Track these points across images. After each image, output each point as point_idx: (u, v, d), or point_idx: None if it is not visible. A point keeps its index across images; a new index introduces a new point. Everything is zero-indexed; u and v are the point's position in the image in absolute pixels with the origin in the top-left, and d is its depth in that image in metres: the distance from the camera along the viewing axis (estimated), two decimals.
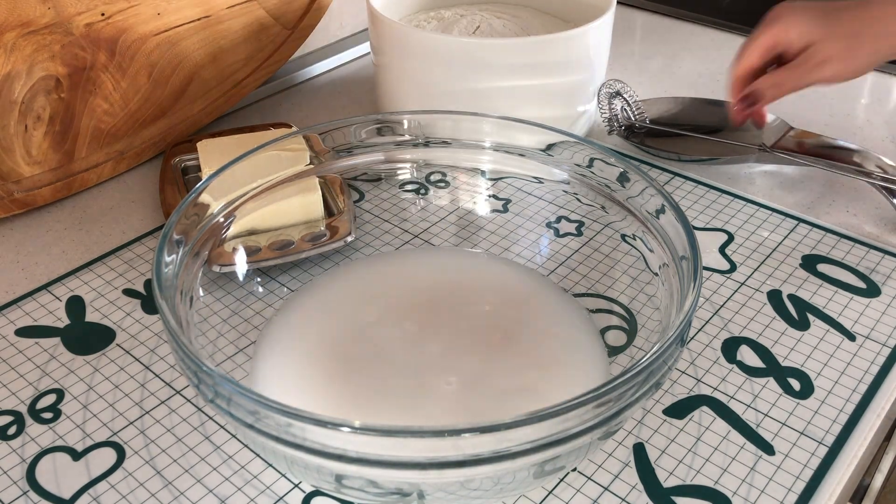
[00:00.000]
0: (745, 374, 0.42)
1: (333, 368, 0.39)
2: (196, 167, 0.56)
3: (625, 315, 0.42)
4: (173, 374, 0.43)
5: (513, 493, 0.36)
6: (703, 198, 0.56)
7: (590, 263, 0.46)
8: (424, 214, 0.51)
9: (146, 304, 0.47)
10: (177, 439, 0.39)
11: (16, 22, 0.49)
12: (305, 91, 0.71)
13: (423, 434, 0.28)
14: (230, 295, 0.43)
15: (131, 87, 0.57)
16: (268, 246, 0.46)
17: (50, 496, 0.37)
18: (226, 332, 0.41)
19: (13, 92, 0.51)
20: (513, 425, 0.28)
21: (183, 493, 0.37)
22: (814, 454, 0.38)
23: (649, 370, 0.30)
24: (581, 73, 0.57)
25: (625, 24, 0.81)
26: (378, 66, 0.61)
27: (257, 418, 0.29)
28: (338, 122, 0.45)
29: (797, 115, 0.65)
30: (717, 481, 0.37)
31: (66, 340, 0.45)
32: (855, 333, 0.45)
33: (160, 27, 0.57)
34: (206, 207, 0.40)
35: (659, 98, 0.64)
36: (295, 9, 0.65)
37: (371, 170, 0.48)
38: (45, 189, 0.55)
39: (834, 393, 0.41)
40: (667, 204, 0.38)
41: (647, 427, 0.40)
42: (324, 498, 0.37)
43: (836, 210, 0.55)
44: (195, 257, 0.39)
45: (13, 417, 0.40)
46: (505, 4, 0.68)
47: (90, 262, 0.50)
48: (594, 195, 0.44)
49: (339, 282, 0.46)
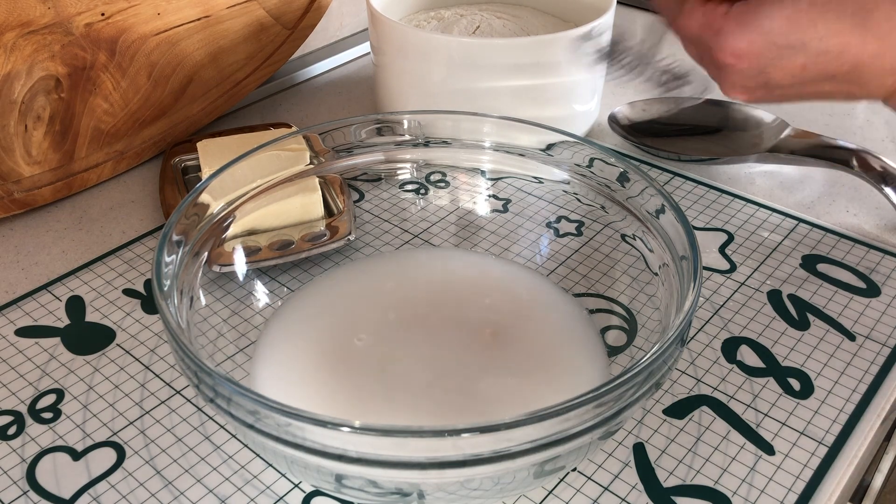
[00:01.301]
0: (745, 374, 0.42)
1: (333, 368, 0.39)
2: (196, 167, 0.56)
3: (625, 315, 0.42)
4: (173, 374, 0.43)
5: (513, 493, 0.36)
6: (703, 198, 0.56)
7: (590, 263, 0.46)
8: (424, 214, 0.51)
9: (146, 304, 0.47)
10: (177, 439, 0.39)
11: (16, 22, 0.49)
12: (305, 91, 0.71)
13: (423, 434, 0.28)
14: (230, 295, 0.43)
15: (131, 87, 0.57)
16: (268, 246, 0.46)
17: (50, 496, 0.37)
18: (226, 332, 0.41)
19: (13, 92, 0.51)
20: (513, 425, 0.28)
21: (183, 493, 0.37)
22: (814, 454, 0.38)
23: (649, 370, 0.30)
24: (581, 73, 0.57)
25: (625, 25, 0.81)
26: (378, 66, 0.61)
27: (257, 418, 0.29)
28: (338, 122, 0.45)
29: (797, 115, 0.65)
30: (717, 481, 0.37)
31: (66, 340, 0.45)
32: (855, 333, 0.45)
33: (160, 27, 0.57)
34: (206, 207, 0.40)
35: (659, 98, 0.64)
36: (295, 9, 0.65)
37: (371, 170, 0.48)
38: (45, 189, 0.55)
39: (834, 393, 0.41)
40: (667, 204, 0.38)
41: (647, 427, 0.40)
42: (324, 498, 0.37)
43: (836, 210, 0.55)
44: (195, 257, 0.39)
45: (13, 417, 0.40)
46: (505, 4, 0.68)
47: (90, 262, 0.50)
48: (594, 195, 0.44)
49: (338, 281, 0.46)
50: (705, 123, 0.61)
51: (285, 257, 0.46)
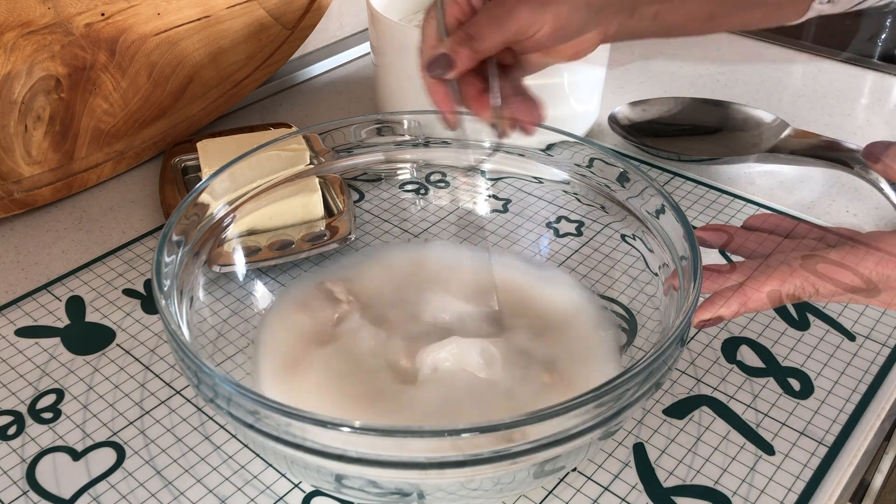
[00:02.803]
0: (745, 374, 0.42)
1: (333, 367, 0.39)
2: (196, 167, 0.56)
3: (625, 315, 0.42)
4: (173, 374, 0.43)
5: (513, 493, 0.36)
6: (703, 198, 0.56)
7: (590, 263, 0.45)
8: (424, 214, 0.51)
9: (146, 304, 0.47)
10: (177, 439, 0.39)
11: (16, 22, 0.49)
12: (305, 91, 0.71)
13: (423, 434, 0.28)
14: (230, 295, 0.43)
15: (131, 87, 0.57)
16: (268, 246, 0.46)
17: (50, 496, 0.37)
18: (226, 332, 0.41)
19: (13, 92, 0.51)
20: (513, 425, 0.28)
21: (183, 493, 0.37)
22: (814, 454, 0.38)
23: (649, 370, 0.30)
24: (581, 73, 0.57)
25: None
26: (378, 66, 0.61)
27: (257, 418, 0.29)
28: (338, 122, 0.45)
29: (797, 115, 0.65)
30: (717, 481, 0.37)
31: (66, 340, 0.45)
32: (855, 333, 0.45)
33: (160, 27, 0.57)
34: (206, 207, 0.40)
35: (659, 98, 0.64)
36: (295, 9, 0.65)
37: (371, 170, 0.48)
38: (45, 189, 0.55)
39: (834, 393, 0.41)
40: (667, 204, 0.38)
41: (647, 427, 0.40)
42: (324, 498, 0.37)
43: (836, 210, 0.55)
44: (195, 257, 0.39)
45: (13, 417, 0.40)
46: None
47: (90, 262, 0.50)
48: (594, 195, 0.44)
49: (338, 280, 0.45)
50: (705, 123, 0.61)
51: (285, 257, 0.46)
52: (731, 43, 0.78)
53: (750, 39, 0.79)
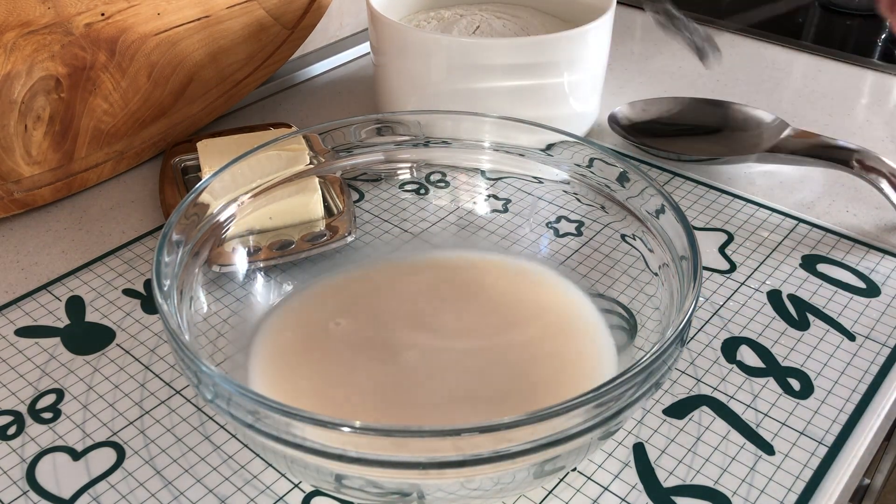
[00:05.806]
0: (745, 374, 0.42)
1: (334, 367, 0.39)
2: (196, 167, 0.56)
3: (625, 315, 0.42)
4: (173, 374, 0.43)
5: (513, 493, 0.36)
6: (703, 198, 0.56)
7: (590, 263, 0.46)
8: (424, 214, 0.51)
9: (146, 304, 0.47)
10: (177, 439, 0.39)
11: (16, 22, 0.49)
12: (305, 91, 0.71)
13: (423, 434, 0.28)
14: (230, 295, 0.43)
15: (131, 87, 0.57)
16: (268, 246, 0.46)
17: (50, 496, 0.37)
18: (226, 332, 0.41)
19: (13, 92, 0.51)
20: (512, 425, 0.28)
21: (183, 493, 0.37)
22: (814, 454, 0.38)
23: (649, 370, 0.30)
24: (581, 73, 0.57)
25: (625, 24, 0.81)
26: (378, 66, 0.61)
27: (257, 418, 0.29)
28: (338, 122, 0.45)
29: (797, 115, 0.65)
30: (717, 481, 0.37)
31: (66, 340, 0.45)
32: (855, 333, 0.45)
33: (160, 27, 0.57)
34: (206, 207, 0.40)
35: (659, 98, 0.64)
36: (295, 9, 0.65)
37: (371, 170, 0.48)
38: (45, 189, 0.55)
39: (834, 393, 0.41)
40: (667, 204, 0.38)
41: (647, 427, 0.40)
42: (324, 498, 0.37)
43: (836, 210, 0.55)
44: (195, 257, 0.39)
45: (13, 417, 0.40)
46: (505, 4, 0.68)
47: (90, 262, 0.50)
48: (594, 195, 0.44)
49: (338, 279, 0.45)
50: (705, 123, 0.61)
51: (285, 257, 0.46)
52: (731, 43, 0.78)
53: (750, 39, 0.79)
